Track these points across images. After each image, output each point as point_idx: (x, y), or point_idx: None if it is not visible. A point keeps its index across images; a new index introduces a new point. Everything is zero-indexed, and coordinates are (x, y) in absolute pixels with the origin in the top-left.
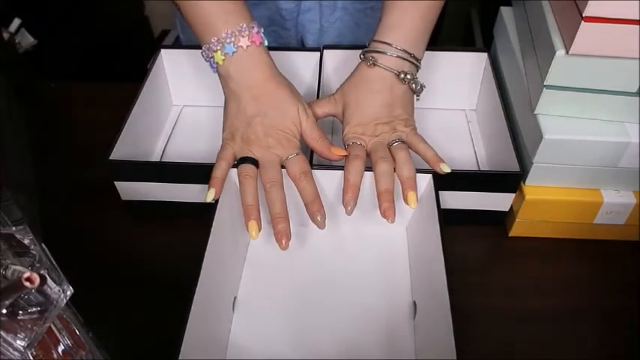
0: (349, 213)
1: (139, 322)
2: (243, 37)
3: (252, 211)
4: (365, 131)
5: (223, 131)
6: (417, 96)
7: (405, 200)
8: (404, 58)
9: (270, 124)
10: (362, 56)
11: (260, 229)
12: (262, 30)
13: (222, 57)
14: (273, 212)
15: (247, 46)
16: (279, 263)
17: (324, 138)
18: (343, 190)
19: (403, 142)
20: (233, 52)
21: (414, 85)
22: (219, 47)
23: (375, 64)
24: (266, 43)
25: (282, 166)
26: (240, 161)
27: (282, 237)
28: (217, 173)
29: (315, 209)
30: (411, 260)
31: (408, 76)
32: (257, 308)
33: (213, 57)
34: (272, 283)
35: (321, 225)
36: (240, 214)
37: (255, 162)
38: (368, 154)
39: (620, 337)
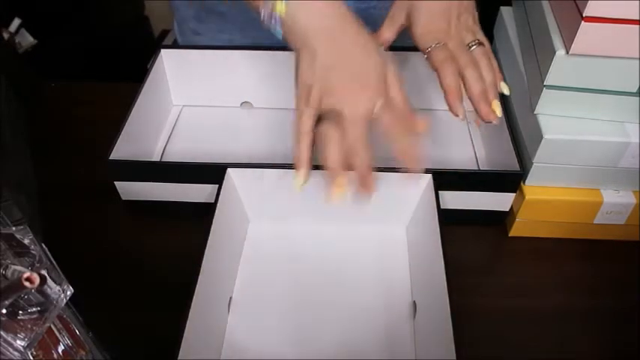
0: (463, 117)
1: (139, 322)
2: None
3: (336, 174)
4: (439, 28)
5: (296, 89)
6: None
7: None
8: None
9: (353, 70)
10: None
11: (346, 191)
12: None
13: (284, 5)
14: (358, 165)
15: None
16: (277, 262)
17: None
18: (447, 98)
19: (481, 43)
20: None
21: None
22: None
23: None
24: None
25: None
26: (319, 120)
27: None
28: (302, 154)
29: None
30: (411, 260)
31: None
32: (254, 308)
33: (274, 10)
34: (269, 282)
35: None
36: (239, 214)
37: (337, 118)
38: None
39: (620, 337)
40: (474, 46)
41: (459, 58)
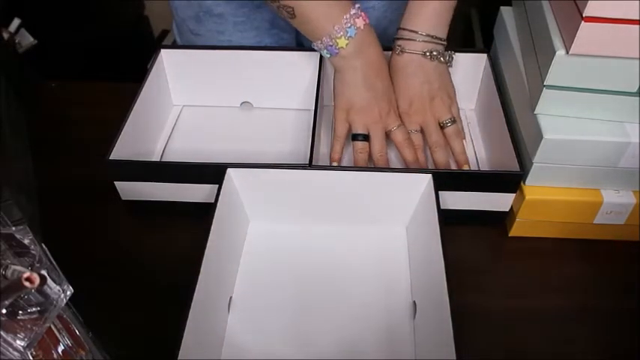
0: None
1: (139, 322)
2: (357, 18)
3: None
4: (416, 109)
5: (337, 104)
6: (450, 65)
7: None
8: (428, 41)
9: (390, 98)
10: (392, 45)
11: None
12: None
13: (347, 40)
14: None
15: (364, 25)
16: (277, 262)
17: None
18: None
19: (454, 121)
20: (355, 34)
21: (442, 59)
22: (341, 33)
23: (402, 52)
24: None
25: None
26: (354, 137)
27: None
28: (336, 152)
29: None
30: (411, 260)
31: (434, 53)
32: (254, 308)
33: (335, 43)
34: (269, 282)
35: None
36: (239, 214)
37: (366, 137)
38: (423, 131)
39: (620, 338)
40: (449, 125)
41: (429, 138)
